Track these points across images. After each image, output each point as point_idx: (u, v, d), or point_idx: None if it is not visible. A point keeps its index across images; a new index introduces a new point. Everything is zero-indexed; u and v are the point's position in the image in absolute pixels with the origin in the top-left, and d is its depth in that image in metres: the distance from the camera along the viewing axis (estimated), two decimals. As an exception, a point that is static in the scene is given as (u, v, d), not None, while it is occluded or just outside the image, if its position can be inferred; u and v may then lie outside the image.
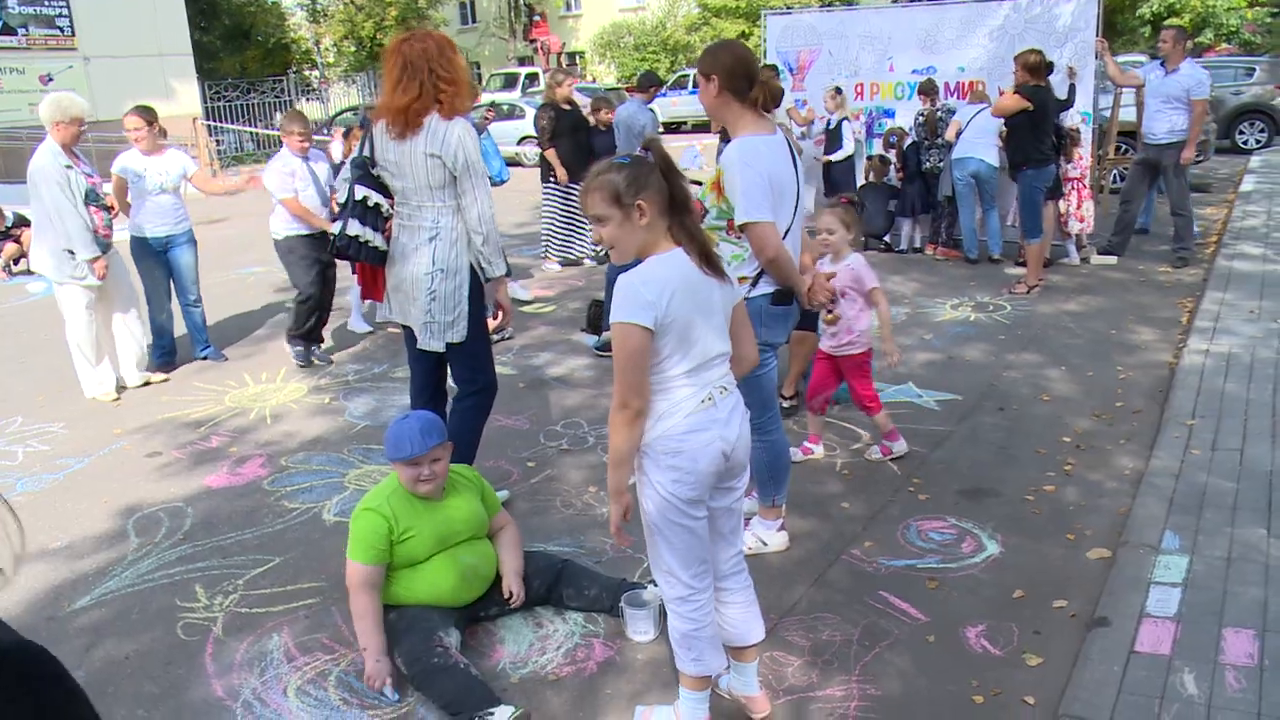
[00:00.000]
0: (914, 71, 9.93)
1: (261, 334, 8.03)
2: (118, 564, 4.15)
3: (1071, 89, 8.84)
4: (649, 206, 2.43)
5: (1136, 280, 8.37)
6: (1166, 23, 25.82)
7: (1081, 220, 8.91)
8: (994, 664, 3.15)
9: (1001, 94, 8.35)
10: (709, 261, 2.50)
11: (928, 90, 9.46)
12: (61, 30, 21.25)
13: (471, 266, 4.00)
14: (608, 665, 3.23)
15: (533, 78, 32.77)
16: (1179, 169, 8.66)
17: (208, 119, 23.38)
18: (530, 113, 22.26)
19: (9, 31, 20.43)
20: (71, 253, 5.98)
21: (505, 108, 23.48)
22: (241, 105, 25.54)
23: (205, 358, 7.15)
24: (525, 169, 19.12)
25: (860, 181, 9.99)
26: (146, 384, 6.65)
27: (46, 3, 20.91)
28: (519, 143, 21.81)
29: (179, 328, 7.15)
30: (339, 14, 39.18)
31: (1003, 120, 8.28)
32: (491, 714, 2.79)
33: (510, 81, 32.70)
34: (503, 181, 8.57)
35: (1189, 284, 8.07)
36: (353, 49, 40.60)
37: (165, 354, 7.02)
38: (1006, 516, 4.16)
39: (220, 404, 6.21)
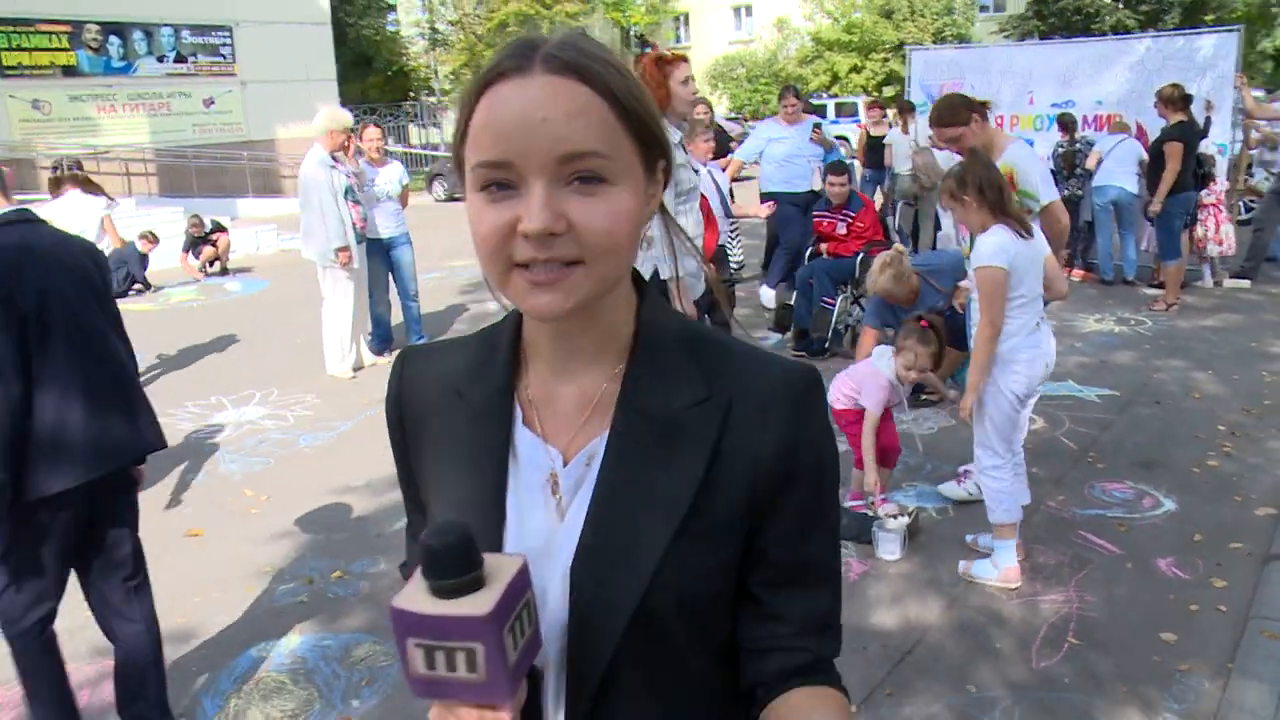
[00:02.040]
0: (1053, 105, 10.55)
1: (461, 327, 9.00)
2: (418, 496, 5.04)
3: (1207, 121, 9.38)
4: (976, 198, 3.58)
5: (1272, 301, 8.86)
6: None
7: (1220, 243, 9.39)
8: (1185, 585, 3.83)
9: (1140, 128, 8.93)
10: (1025, 229, 3.59)
11: (1067, 123, 10.06)
12: (224, 58, 22.94)
13: None
14: (865, 575, 3.99)
15: (647, 107, 33.99)
16: (1313, 197, 9.14)
17: (349, 141, 24.90)
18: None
19: (180, 59, 22.16)
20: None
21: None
22: (399, 127, 27.17)
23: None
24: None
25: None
26: (373, 365, 7.62)
27: (213, 33, 22.62)
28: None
29: (394, 317, 8.13)
30: (459, 43, 40.88)
31: (1144, 149, 8.86)
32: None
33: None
34: None
35: (1324, 305, 8.55)
36: (469, 76, 42.24)
37: (383, 340, 8.02)
38: (1177, 483, 4.82)
39: (450, 382, 7.14)
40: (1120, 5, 29.49)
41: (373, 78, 41.70)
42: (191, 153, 21.58)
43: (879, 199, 11.25)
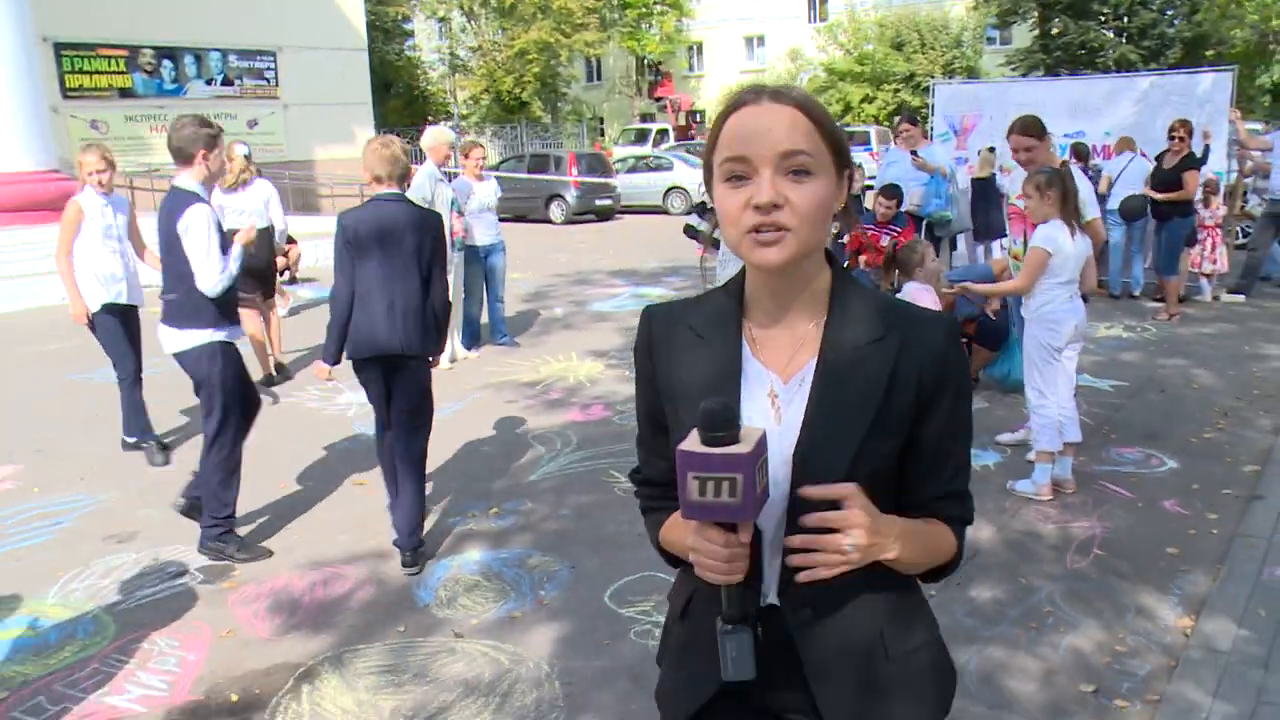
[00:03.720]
0: (1065, 135, 11.56)
1: (533, 327, 9.98)
2: (540, 460, 5.99)
3: (1206, 149, 10.39)
4: (1056, 196, 4.70)
5: (1264, 313, 9.84)
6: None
7: (1214, 262, 10.39)
8: (1185, 518, 4.80)
9: (1144, 155, 9.93)
10: (1075, 230, 4.73)
11: (1080, 151, 11.06)
12: (268, 81, 24.08)
13: None
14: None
15: (663, 133, 35.10)
16: (1302, 221, 10.14)
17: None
18: (677, 165, 24.42)
19: (227, 82, 23.28)
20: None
21: (653, 160, 25.68)
22: (416, 151, 28.20)
23: (503, 343, 9.10)
24: (671, 217, 21.29)
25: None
26: (464, 359, 8.58)
27: (259, 58, 23.75)
28: (665, 195, 23.98)
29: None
30: (480, 69, 41.92)
31: (1150, 171, 9.87)
32: None
33: (641, 136, 35.07)
34: None
35: (1310, 316, 9.53)
36: (487, 102, 43.20)
37: (473, 338, 8.99)
38: (1178, 449, 5.78)
39: (538, 373, 8.11)
40: (1123, 40, 30.64)
41: (393, 101, 42.77)
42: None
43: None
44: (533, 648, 3.78)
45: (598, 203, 22.68)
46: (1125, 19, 30.81)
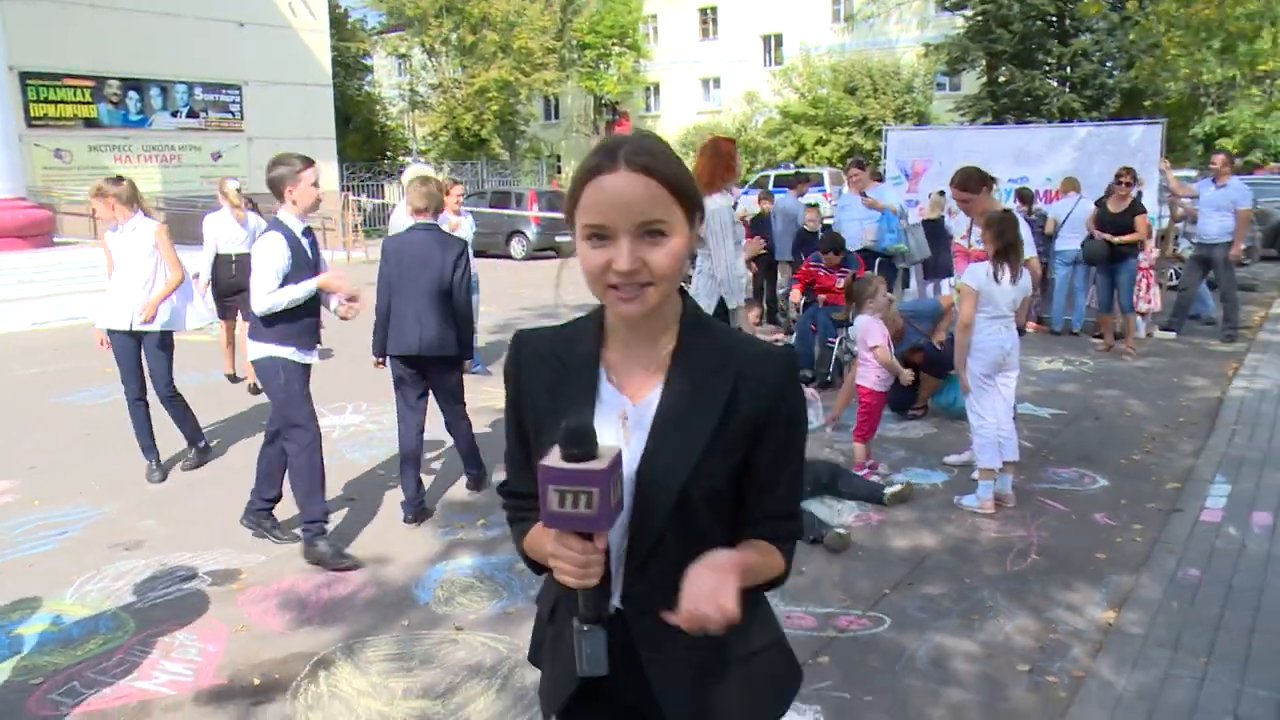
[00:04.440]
0: (1010, 180, 12.25)
1: (500, 355, 10.35)
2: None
3: (1139, 194, 11.06)
4: (993, 239, 5.22)
5: (1193, 349, 10.50)
6: (1217, 143, 28.22)
7: (1149, 301, 11.04)
8: (1113, 528, 5.30)
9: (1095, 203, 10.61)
10: (1003, 272, 5.24)
11: (1024, 195, 11.72)
12: (233, 114, 24.34)
13: None
14: (883, 522, 5.43)
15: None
16: (1227, 264, 10.82)
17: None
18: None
19: (193, 114, 23.51)
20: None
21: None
22: (374, 184, 28.56)
23: (476, 372, 9.46)
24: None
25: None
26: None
27: (224, 91, 24.02)
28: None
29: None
30: (439, 106, 42.31)
31: (1092, 214, 10.49)
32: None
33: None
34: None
35: (1235, 352, 10.16)
36: (446, 138, 43.55)
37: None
38: (1109, 469, 6.31)
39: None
40: (1066, 90, 31.87)
41: (352, 136, 42.92)
42: (200, 203, 22.68)
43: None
44: (529, 639, 4.15)
45: (558, 239, 23.14)
46: (1068, 69, 32.05)
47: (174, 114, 23.30)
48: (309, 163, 4.84)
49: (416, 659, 4.01)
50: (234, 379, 9.38)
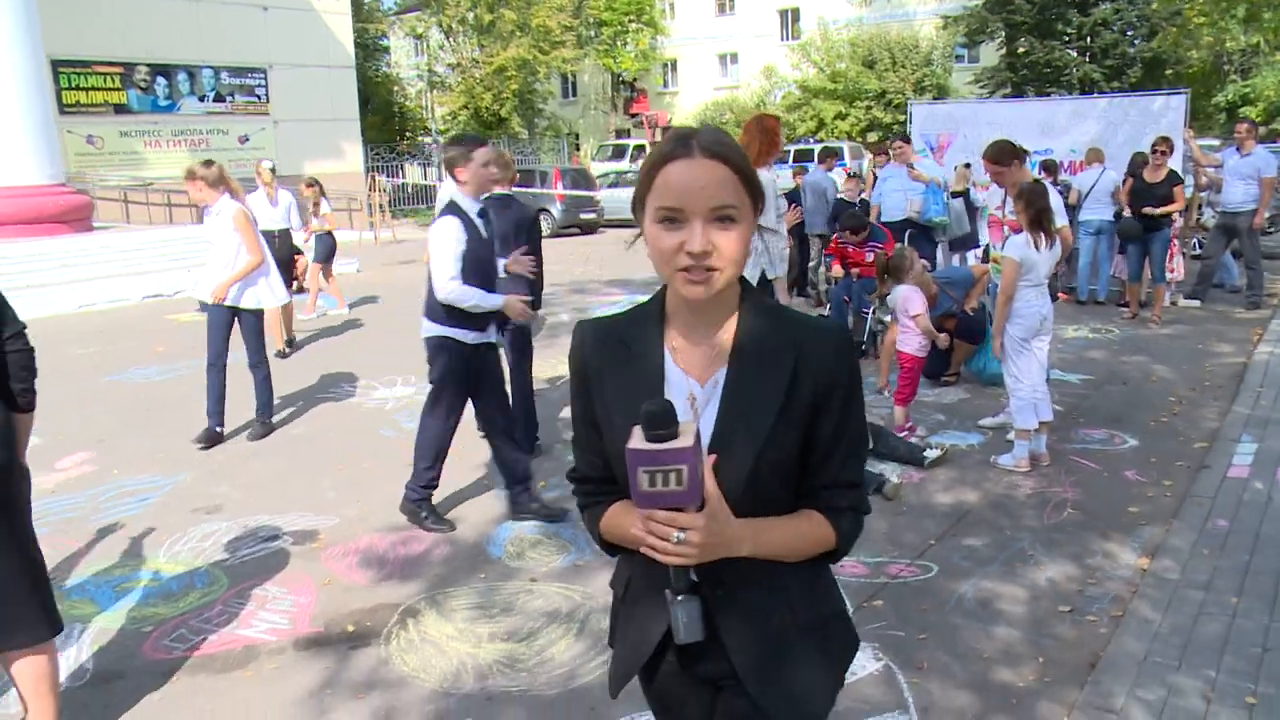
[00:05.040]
0: (1036, 153, 12.40)
1: (545, 334, 10.65)
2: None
3: (1163, 166, 11.22)
4: (1026, 211, 5.42)
5: (1217, 316, 10.69)
6: (1241, 111, 28.14)
7: (1173, 271, 11.22)
8: (1144, 483, 5.56)
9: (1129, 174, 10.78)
10: (1039, 242, 5.49)
11: (1049, 167, 11.87)
12: (259, 98, 24.61)
13: None
14: (924, 479, 5.70)
15: (640, 149, 35.82)
16: (1251, 231, 10.98)
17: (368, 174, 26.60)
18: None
19: (219, 99, 23.81)
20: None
21: (633, 175, 26.36)
22: (394, 165, 28.84)
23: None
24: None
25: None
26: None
27: (250, 75, 24.30)
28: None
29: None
30: (458, 86, 42.42)
31: (1128, 186, 10.66)
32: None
33: (619, 152, 35.84)
34: None
35: (1259, 319, 10.34)
36: (465, 118, 43.70)
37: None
38: (1138, 430, 6.55)
39: (555, 370, 8.76)
40: (1087, 60, 31.81)
41: (371, 117, 43.13)
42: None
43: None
44: (601, 587, 4.45)
45: (582, 216, 23.37)
46: (1088, 39, 31.98)
47: (201, 99, 23.57)
48: (481, 142, 4.87)
49: (497, 607, 4.32)
50: (283, 354, 9.69)
